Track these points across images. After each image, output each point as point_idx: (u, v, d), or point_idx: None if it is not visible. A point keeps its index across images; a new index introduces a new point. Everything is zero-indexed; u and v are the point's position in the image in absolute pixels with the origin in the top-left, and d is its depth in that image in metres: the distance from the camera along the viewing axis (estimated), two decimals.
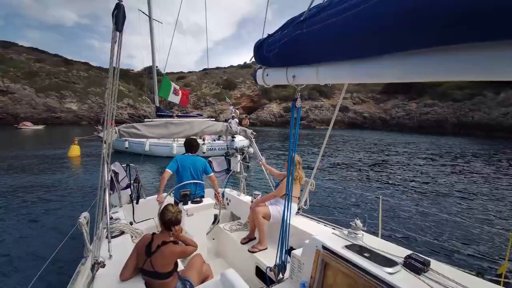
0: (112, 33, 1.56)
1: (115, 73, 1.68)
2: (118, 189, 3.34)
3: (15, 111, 34.78)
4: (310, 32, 1.19)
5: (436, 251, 4.22)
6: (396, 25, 0.84)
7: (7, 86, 35.58)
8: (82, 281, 1.79)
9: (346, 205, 6.63)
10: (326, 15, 1.11)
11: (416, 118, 37.09)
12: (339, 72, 1.22)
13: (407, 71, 0.94)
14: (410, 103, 40.05)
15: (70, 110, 38.80)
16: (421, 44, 0.84)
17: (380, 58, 0.99)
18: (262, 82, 1.73)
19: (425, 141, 24.03)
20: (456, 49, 0.78)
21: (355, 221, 1.89)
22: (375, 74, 1.06)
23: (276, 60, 1.53)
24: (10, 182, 7.69)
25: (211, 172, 3.42)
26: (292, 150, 1.72)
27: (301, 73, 1.42)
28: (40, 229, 4.77)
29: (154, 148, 12.54)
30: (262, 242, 2.81)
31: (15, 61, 41.31)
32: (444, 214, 5.95)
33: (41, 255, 3.85)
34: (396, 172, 10.69)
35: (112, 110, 1.86)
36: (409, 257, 1.53)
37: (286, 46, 1.37)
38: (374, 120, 42.30)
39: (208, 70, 63.89)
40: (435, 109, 36.01)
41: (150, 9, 14.08)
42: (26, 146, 15.85)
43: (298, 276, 1.95)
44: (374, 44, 0.96)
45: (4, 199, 6.30)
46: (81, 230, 1.85)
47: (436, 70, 0.85)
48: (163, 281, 1.83)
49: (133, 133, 2.92)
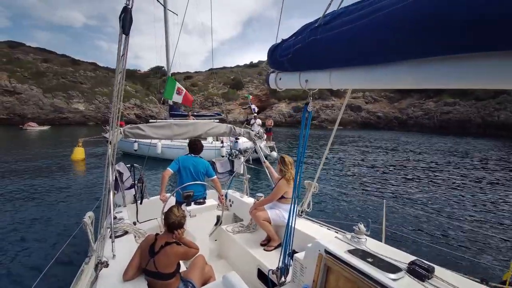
0: (119, 36, 1.65)
1: (121, 74, 1.78)
2: (122, 189, 3.47)
3: (22, 111, 35.54)
4: (324, 38, 1.25)
5: (440, 257, 4.22)
6: (411, 33, 0.86)
7: (14, 86, 36.38)
8: (85, 280, 1.87)
9: (349, 208, 6.65)
10: (341, 22, 1.16)
11: (437, 118, 36.19)
12: (352, 78, 1.26)
13: (421, 78, 0.97)
14: (427, 102, 39.16)
15: (77, 111, 39.76)
16: (436, 51, 0.86)
17: (394, 64, 1.03)
18: (275, 85, 1.80)
19: (444, 142, 23.47)
20: (474, 57, 0.79)
21: (358, 225, 1.92)
22: (388, 80, 1.09)
23: (289, 65, 1.58)
24: (11, 185, 7.88)
25: (214, 175, 3.50)
26: (301, 153, 1.74)
27: (314, 78, 1.48)
28: (45, 230, 4.97)
29: (167, 151, 11.46)
30: (273, 239, 2.93)
31: (22, 61, 42.29)
32: (449, 220, 5.92)
33: (46, 255, 4.05)
34: (406, 175, 10.56)
35: (118, 111, 1.96)
36: (413, 263, 1.54)
37: (300, 51, 1.42)
38: (389, 120, 41.62)
39: (215, 69, 64.54)
40: (457, 108, 35.03)
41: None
42: (28, 148, 15.66)
43: (300, 280, 1.99)
44: (388, 51, 1.00)
45: (9, 201, 6.58)
46: (86, 230, 1.96)
47: (452, 78, 0.86)
48: (166, 282, 1.90)
49: (137, 134, 3.03)
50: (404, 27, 0.87)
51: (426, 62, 0.92)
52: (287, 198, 2.99)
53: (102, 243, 1.94)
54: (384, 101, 45.60)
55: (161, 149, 11.53)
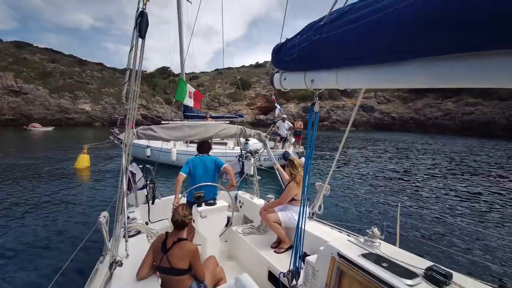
0: (134, 39, 1.75)
1: (136, 77, 1.88)
2: (134, 189, 3.63)
3: (28, 112, 36.14)
4: (330, 37, 1.24)
5: (457, 263, 4.17)
6: (426, 30, 0.84)
7: (20, 86, 37.02)
8: (100, 279, 1.97)
9: (361, 211, 6.63)
10: (348, 20, 1.15)
11: (459, 119, 35.14)
12: (359, 77, 1.26)
13: (435, 77, 0.95)
14: (445, 102, 38.26)
15: (83, 111, 40.42)
16: (452, 49, 0.83)
17: (403, 63, 1.01)
18: (280, 86, 1.82)
19: (466, 144, 22.88)
20: (489, 55, 0.78)
21: (372, 228, 1.94)
22: (397, 80, 1.08)
23: (294, 65, 1.58)
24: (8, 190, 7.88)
25: (223, 163, 3.56)
26: (309, 154, 1.76)
27: (320, 78, 1.47)
28: (57, 234, 5.14)
29: (183, 158, 10.42)
30: (284, 241, 3.00)
31: (28, 61, 43.01)
32: (467, 225, 5.84)
33: (60, 256, 4.21)
34: (423, 178, 10.39)
35: (134, 113, 2.06)
36: (430, 269, 1.53)
37: (305, 51, 1.42)
38: (405, 121, 40.85)
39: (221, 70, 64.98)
40: (480, 108, 33.91)
41: None
42: (30, 151, 15.16)
43: (313, 283, 2.02)
44: (398, 49, 0.98)
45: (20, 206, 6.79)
46: (101, 229, 2.06)
47: (470, 76, 0.84)
48: (179, 278, 1.98)
49: (150, 135, 3.16)
50: (418, 23, 0.85)
51: (440, 60, 0.90)
52: (297, 200, 3.05)
53: (117, 242, 2.04)
54: (398, 101, 44.83)
55: (176, 156, 10.93)
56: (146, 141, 7.66)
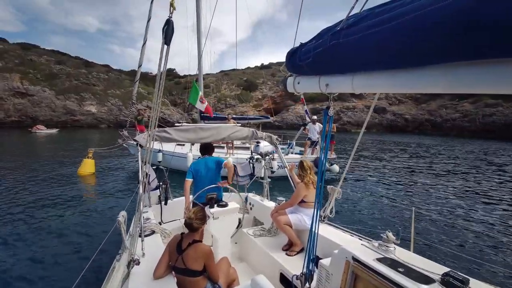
0: (161, 46, 1.89)
1: (161, 82, 1.99)
2: (148, 190, 3.78)
3: (34, 114, 36.98)
4: (347, 42, 1.26)
5: (474, 269, 4.15)
6: (449, 36, 0.85)
7: (26, 88, 37.86)
8: (117, 277, 2.05)
9: (373, 215, 6.62)
10: (366, 25, 1.18)
11: (479, 121, 34.42)
12: (376, 82, 1.27)
13: (456, 82, 0.95)
14: (461, 103, 37.55)
15: (89, 113, 41.24)
16: (475, 55, 0.84)
17: (426, 68, 1.03)
18: (293, 89, 1.87)
19: (486, 146, 22.45)
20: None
21: (387, 233, 1.97)
22: (415, 85, 1.09)
23: (309, 69, 1.62)
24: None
25: (224, 160, 3.67)
26: (323, 157, 1.79)
27: (335, 82, 1.50)
28: (76, 236, 5.25)
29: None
30: (296, 244, 3.06)
31: (35, 63, 44.02)
32: (484, 230, 5.78)
33: (82, 254, 4.40)
34: (439, 181, 10.30)
35: (157, 116, 2.17)
36: (447, 275, 1.55)
37: (321, 55, 1.45)
38: (420, 123, 40.33)
39: (227, 71, 65.56)
40: (500, 110, 33.16)
41: None
42: (31, 155, 14.91)
43: (326, 287, 2.07)
44: (417, 55, 1.00)
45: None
46: (120, 228, 2.17)
47: (494, 82, 0.85)
48: (194, 279, 2.06)
49: (164, 137, 3.30)
50: (441, 29, 0.87)
51: (462, 66, 0.91)
52: (307, 203, 3.12)
53: (134, 241, 2.13)
54: (410, 103, 44.33)
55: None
56: (158, 145, 7.71)
